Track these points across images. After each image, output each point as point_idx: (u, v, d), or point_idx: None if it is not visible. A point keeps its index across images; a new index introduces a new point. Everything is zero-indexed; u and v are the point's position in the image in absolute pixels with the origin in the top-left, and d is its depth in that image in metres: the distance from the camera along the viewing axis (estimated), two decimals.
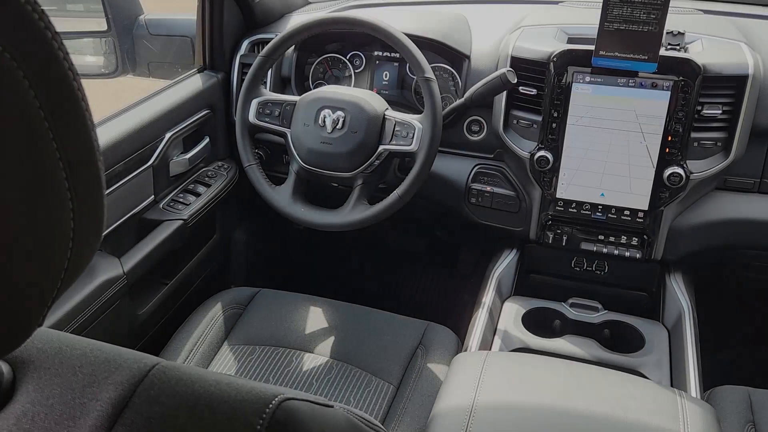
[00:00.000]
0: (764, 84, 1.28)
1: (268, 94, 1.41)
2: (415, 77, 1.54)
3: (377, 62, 1.59)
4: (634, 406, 0.98)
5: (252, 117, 1.38)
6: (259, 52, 1.47)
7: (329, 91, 1.36)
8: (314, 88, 1.54)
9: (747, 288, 1.62)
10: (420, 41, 1.36)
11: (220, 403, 0.44)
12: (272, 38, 1.40)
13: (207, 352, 1.29)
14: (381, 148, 1.30)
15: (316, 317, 1.36)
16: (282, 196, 1.37)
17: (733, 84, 1.26)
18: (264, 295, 1.42)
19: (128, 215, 1.33)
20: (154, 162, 1.37)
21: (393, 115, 1.32)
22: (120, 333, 1.31)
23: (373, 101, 1.33)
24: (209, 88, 1.57)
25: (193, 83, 1.55)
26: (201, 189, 1.52)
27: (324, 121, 1.31)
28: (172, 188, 1.48)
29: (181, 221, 1.40)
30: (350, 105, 1.31)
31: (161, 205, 1.43)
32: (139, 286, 1.34)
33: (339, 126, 1.31)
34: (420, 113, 1.31)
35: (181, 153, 1.49)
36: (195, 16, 1.58)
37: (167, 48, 1.78)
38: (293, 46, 1.56)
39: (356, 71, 1.60)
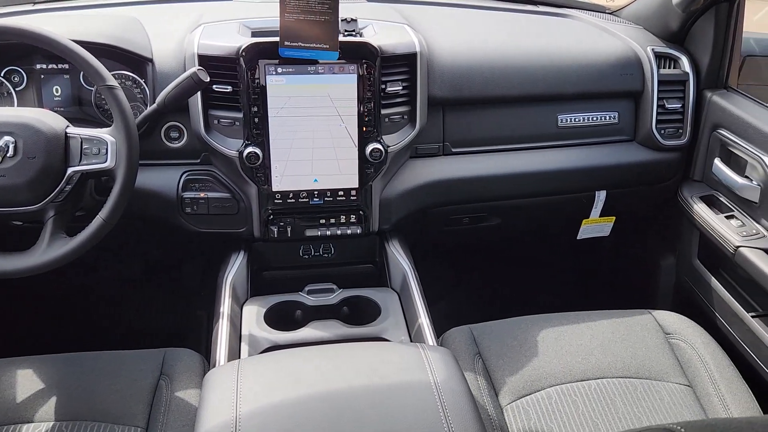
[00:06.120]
0: (430, 60, 1.44)
1: None
2: (93, 88, 1.39)
3: (42, 76, 1.38)
4: (387, 370, 1.03)
5: None
6: None
7: None
8: None
9: (451, 240, 1.84)
10: (92, 47, 1.22)
11: None
12: None
13: None
14: (70, 170, 1.15)
15: (27, 381, 1.14)
16: None
17: (406, 62, 1.40)
18: None
19: None
20: None
21: (77, 132, 1.16)
22: None
23: (48, 119, 1.15)
24: None
25: None
26: None
27: None
28: None
29: None
30: (19, 127, 1.12)
31: None
32: None
33: (10, 153, 1.11)
34: (108, 127, 1.18)
35: None
36: None
37: None
38: None
39: (17, 89, 1.38)
